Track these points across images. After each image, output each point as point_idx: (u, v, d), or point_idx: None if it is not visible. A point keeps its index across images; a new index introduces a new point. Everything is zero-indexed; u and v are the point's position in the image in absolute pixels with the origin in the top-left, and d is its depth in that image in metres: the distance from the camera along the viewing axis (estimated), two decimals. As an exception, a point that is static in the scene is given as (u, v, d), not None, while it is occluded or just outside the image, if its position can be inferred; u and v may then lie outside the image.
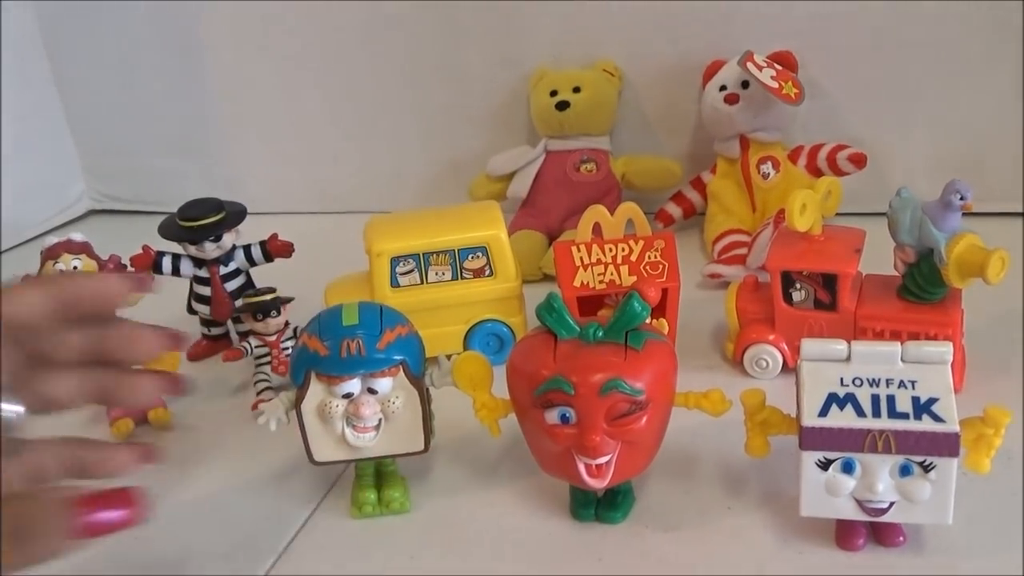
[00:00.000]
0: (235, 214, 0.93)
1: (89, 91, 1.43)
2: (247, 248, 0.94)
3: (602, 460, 0.60)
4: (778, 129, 1.08)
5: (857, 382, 0.58)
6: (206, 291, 0.94)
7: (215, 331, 0.98)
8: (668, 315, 0.83)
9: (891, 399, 0.57)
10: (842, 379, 0.58)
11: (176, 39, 1.34)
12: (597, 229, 0.84)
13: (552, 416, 0.60)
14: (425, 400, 0.66)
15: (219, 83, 1.36)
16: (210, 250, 0.91)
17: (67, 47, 1.41)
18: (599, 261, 0.83)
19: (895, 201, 0.75)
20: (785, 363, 0.81)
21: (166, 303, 0.98)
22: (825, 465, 0.58)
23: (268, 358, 0.86)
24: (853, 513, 0.59)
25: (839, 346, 0.59)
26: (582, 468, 0.61)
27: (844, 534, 0.61)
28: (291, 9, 1.27)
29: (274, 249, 0.94)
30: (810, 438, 0.57)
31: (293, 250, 0.95)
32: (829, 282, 0.77)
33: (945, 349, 0.58)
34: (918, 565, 0.59)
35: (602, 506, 0.66)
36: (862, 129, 1.11)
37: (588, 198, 1.06)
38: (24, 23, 1.38)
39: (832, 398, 0.57)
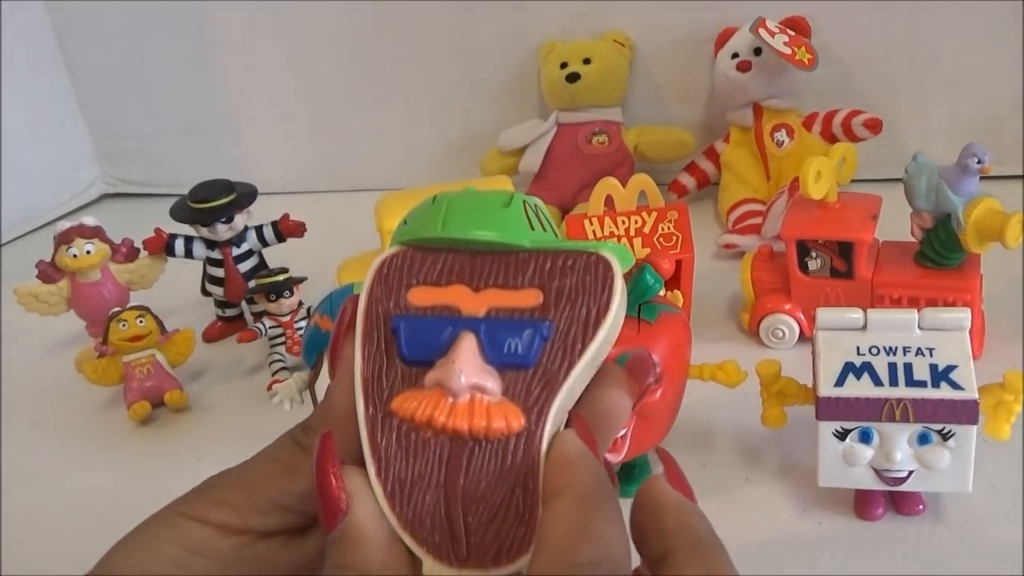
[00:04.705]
0: (246, 195, 0.93)
1: (100, 75, 1.43)
2: (259, 228, 0.94)
3: (617, 434, 0.60)
4: (792, 96, 1.06)
5: (874, 351, 0.57)
6: (219, 272, 0.94)
7: (229, 312, 0.98)
8: (683, 287, 0.82)
9: (908, 367, 0.56)
10: (858, 348, 0.57)
11: (186, 20, 1.33)
12: (609, 202, 0.83)
13: (566, 391, 0.60)
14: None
15: (229, 63, 1.35)
16: (222, 231, 0.91)
17: (77, 31, 1.41)
18: (612, 234, 0.82)
19: (911, 166, 0.74)
20: (802, 332, 0.81)
21: (181, 285, 1.00)
22: (842, 435, 0.57)
23: (282, 338, 0.86)
24: (871, 483, 0.58)
25: (855, 315, 0.58)
26: (597, 442, 0.61)
27: (863, 504, 0.61)
28: (298, -13, 1.27)
29: (286, 229, 0.94)
30: (827, 408, 0.57)
31: (305, 230, 0.95)
32: (845, 250, 0.77)
33: (963, 315, 0.57)
34: (938, 533, 0.59)
35: (619, 480, 0.66)
36: (877, 94, 1.10)
37: (600, 170, 1.05)
38: (34, 8, 1.38)
39: (848, 367, 0.57)
